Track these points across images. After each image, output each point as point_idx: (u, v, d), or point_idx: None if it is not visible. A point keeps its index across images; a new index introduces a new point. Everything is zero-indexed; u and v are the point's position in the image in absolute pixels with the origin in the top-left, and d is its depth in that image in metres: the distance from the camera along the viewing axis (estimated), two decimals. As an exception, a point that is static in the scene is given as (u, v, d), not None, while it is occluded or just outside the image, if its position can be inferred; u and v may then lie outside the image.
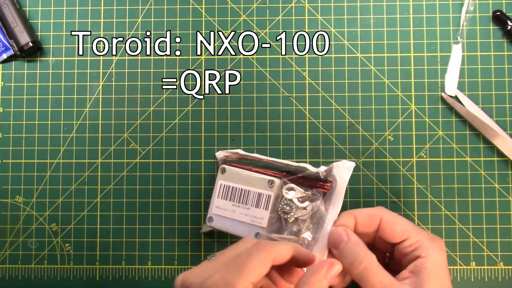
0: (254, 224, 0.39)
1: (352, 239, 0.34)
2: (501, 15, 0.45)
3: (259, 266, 0.30)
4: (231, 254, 0.32)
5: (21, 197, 0.46)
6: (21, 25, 0.46)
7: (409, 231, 0.34)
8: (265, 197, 0.39)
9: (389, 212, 0.35)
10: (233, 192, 0.40)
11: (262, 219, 0.39)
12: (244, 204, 0.39)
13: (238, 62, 0.47)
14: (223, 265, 0.31)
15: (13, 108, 0.47)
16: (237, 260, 0.30)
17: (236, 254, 0.31)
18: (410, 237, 0.34)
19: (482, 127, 0.44)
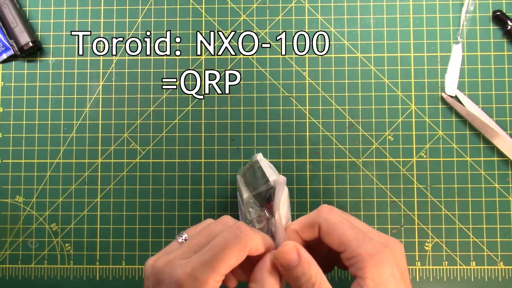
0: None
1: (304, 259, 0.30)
2: (501, 15, 0.45)
3: (234, 259, 0.28)
4: (205, 238, 0.30)
5: (21, 197, 0.46)
6: (21, 25, 0.46)
7: (346, 244, 0.30)
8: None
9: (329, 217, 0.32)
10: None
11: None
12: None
13: (238, 62, 0.47)
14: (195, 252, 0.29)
15: (13, 108, 0.47)
16: (211, 250, 0.28)
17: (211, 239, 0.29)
18: (346, 251, 0.30)
19: (482, 127, 0.44)
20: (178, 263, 0.29)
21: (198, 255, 0.28)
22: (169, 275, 0.28)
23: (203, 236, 0.30)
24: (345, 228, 0.31)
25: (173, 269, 0.28)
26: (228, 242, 0.28)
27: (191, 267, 0.28)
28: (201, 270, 0.27)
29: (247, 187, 0.39)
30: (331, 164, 0.46)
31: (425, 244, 0.45)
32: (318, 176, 0.46)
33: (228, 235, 0.29)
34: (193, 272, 0.27)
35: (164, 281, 0.28)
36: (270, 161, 0.46)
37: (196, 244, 0.30)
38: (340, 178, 0.45)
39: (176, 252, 0.30)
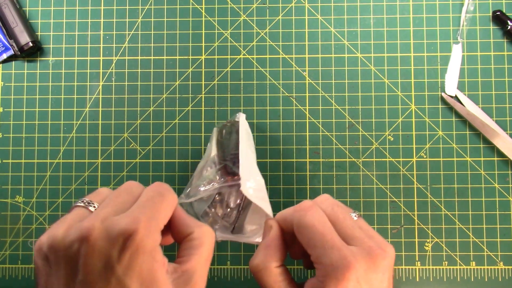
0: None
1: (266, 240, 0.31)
2: (501, 15, 0.45)
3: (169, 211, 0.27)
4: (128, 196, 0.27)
5: (21, 197, 0.46)
6: (21, 25, 0.46)
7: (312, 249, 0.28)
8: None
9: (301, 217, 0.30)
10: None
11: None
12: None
13: (238, 62, 0.47)
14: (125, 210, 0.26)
15: (13, 108, 0.47)
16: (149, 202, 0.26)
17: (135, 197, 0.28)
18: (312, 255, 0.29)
19: (482, 127, 0.44)
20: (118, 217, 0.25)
21: (138, 206, 0.26)
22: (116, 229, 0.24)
23: (125, 195, 0.27)
24: (316, 233, 0.28)
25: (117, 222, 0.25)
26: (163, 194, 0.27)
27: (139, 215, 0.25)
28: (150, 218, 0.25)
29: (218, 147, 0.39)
30: (331, 164, 0.46)
31: (425, 244, 0.45)
32: (318, 176, 0.46)
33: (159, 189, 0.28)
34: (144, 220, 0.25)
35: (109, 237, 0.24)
36: (270, 161, 0.46)
37: (121, 202, 0.27)
38: (340, 178, 0.45)
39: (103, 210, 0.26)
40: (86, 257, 0.24)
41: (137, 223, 0.24)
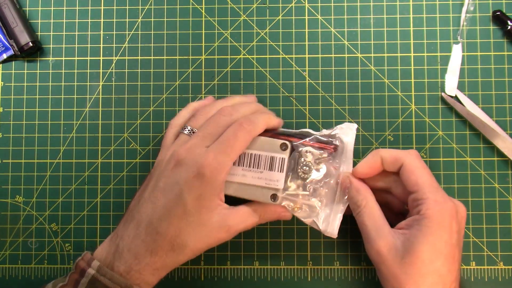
0: (268, 186, 0.38)
1: (353, 186, 0.37)
2: (501, 15, 0.45)
3: (243, 146, 0.36)
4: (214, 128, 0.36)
5: (21, 197, 0.46)
6: (21, 25, 0.46)
7: (420, 185, 0.34)
8: (279, 160, 0.38)
9: (414, 159, 0.36)
10: (241, 157, 0.38)
11: (278, 181, 0.38)
12: (256, 168, 0.38)
13: (238, 62, 0.47)
14: (210, 141, 0.36)
15: (13, 108, 0.47)
16: (226, 142, 0.35)
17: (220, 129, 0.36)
18: (418, 191, 0.34)
19: (482, 127, 0.44)
20: (199, 150, 0.35)
21: (216, 145, 0.35)
22: (193, 160, 0.34)
23: (212, 127, 0.36)
24: (425, 174, 0.35)
25: (196, 155, 0.34)
26: (238, 136, 0.35)
27: (213, 154, 0.34)
28: (221, 157, 0.34)
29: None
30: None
31: (425, 244, 0.45)
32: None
33: (237, 130, 0.35)
34: (216, 158, 0.34)
35: (187, 164, 0.34)
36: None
37: (208, 133, 0.36)
38: (340, 178, 0.45)
39: (193, 141, 0.36)
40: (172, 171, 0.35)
41: (209, 158, 0.34)
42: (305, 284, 0.45)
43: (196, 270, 0.45)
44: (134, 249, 0.35)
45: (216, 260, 0.45)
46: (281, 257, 0.45)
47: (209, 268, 0.45)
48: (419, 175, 0.35)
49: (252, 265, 0.45)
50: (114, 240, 0.36)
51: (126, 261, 0.34)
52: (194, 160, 0.34)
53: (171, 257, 0.35)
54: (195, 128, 0.38)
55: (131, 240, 0.35)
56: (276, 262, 0.45)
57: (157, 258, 0.35)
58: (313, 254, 0.45)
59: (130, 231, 0.35)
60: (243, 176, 0.38)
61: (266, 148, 0.38)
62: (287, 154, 0.38)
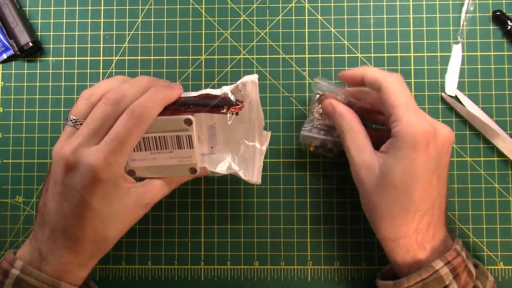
0: (183, 163, 0.37)
1: (337, 111, 0.38)
2: (501, 15, 0.45)
3: (137, 139, 0.33)
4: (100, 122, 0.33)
5: (21, 197, 0.46)
6: (21, 25, 0.46)
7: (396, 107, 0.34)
8: (185, 137, 0.36)
9: (392, 82, 0.35)
10: (147, 141, 0.36)
11: (190, 157, 0.37)
12: (165, 149, 0.37)
13: (238, 62, 0.47)
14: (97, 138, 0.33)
15: (13, 108, 0.47)
16: (114, 138, 0.32)
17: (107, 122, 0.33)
18: (393, 114, 0.34)
19: (482, 127, 0.44)
20: (87, 152, 0.32)
21: (105, 143, 0.32)
22: (84, 164, 0.32)
23: (97, 120, 0.33)
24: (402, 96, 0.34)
25: (86, 157, 0.32)
26: (129, 130, 0.32)
27: (104, 156, 0.32)
28: (113, 157, 0.32)
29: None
30: (331, 164, 0.46)
31: (425, 244, 0.45)
32: (318, 176, 0.46)
33: (127, 123, 0.32)
34: (108, 159, 0.32)
35: (78, 168, 0.32)
36: (270, 161, 0.46)
37: (93, 129, 0.33)
38: (340, 178, 0.45)
39: (78, 140, 0.33)
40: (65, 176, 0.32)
41: (100, 160, 0.31)
42: (305, 284, 0.45)
43: (196, 270, 0.45)
44: (57, 253, 0.34)
45: (216, 260, 0.45)
46: (281, 257, 0.45)
47: (209, 268, 0.45)
48: (396, 97, 0.34)
49: (252, 265, 0.45)
50: (34, 244, 0.35)
51: (52, 264, 0.34)
52: (85, 164, 0.32)
53: (96, 250, 0.35)
54: (79, 117, 0.34)
55: (52, 245, 0.34)
56: (276, 262, 0.45)
57: (82, 256, 0.34)
58: (313, 254, 0.45)
59: (49, 237, 0.34)
60: (154, 159, 0.37)
61: (169, 127, 0.36)
62: (193, 129, 0.36)
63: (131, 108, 0.33)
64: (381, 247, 0.36)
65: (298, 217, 0.45)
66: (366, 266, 0.45)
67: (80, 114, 0.34)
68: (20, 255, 0.35)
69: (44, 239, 0.34)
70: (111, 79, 0.37)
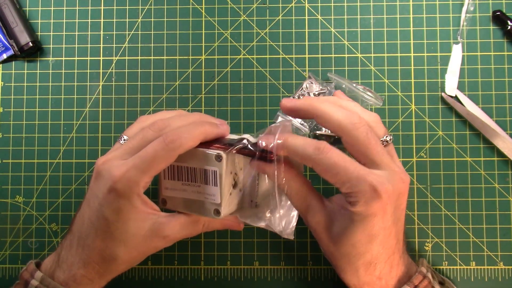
0: (208, 200, 0.36)
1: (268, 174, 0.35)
2: (501, 15, 0.45)
3: (162, 165, 0.33)
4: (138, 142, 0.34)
5: (21, 197, 0.46)
6: (21, 25, 0.46)
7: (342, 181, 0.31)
8: (212, 172, 0.35)
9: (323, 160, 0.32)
10: (179, 170, 0.36)
11: (214, 196, 0.35)
12: (193, 182, 0.36)
13: (238, 62, 0.47)
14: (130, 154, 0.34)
15: (13, 108, 0.47)
16: (142, 157, 0.33)
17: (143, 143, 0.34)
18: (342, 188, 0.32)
19: (482, 127, 0.44)
20: (115, 163, 0.33)
21: (132, 159, 0.33)
22: (108, 173, 0.33)
23: (136, 140, 0.34)
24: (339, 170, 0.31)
25: (111, 168, 0.33)
26: (157, 152, 0.32)
27: (126, 169, 0.32)
28: (134, 173, 0.32)
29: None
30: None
31: (425, 244, 0.45)
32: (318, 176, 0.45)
33: (157, 146, 0.33)
34: (127, 173, 0.32)
35: (103, 177, 0.33)
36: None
37: (130, 147, 0.34)
38: (340, 178, 0.45)
39: (114, 153, 0.35)
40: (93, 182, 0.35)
41: (121, 172, 0.32)
42: (305, 284, 0.45)
43: (196, 270, 0.45)
44: (70, 260, 0.35)
45: (216, 260, 0.45)
46: (281, 257, 0.45)
47: (209, 268, 0.45)
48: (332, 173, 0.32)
49: (252, 265, 0.45)
50: (58, 250, 0.37)
51: (64, 271, 0.35)
52: (109, 172, 0.33)
53: (105, 268, 0.35)
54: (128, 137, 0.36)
55: (68, 251, 0.35)
56: (276, 262, 0.45)
57: (90, 269, 0.35)
58: (313, 254, 0.45)
59: (67, 242, 0.36)
60: (184, 191, 0.37)
61: (200, 160, 0.35)
62: (222, 166, 0.35)
63: (166, 133, 0.33)
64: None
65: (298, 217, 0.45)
66: (366, 266, 0.45)
67: (130, 135, 0.36)
68: (46, 261, 0.37)
69: (65, 244, 0.36)
70: (170, 111, 0.39)
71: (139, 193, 0.34)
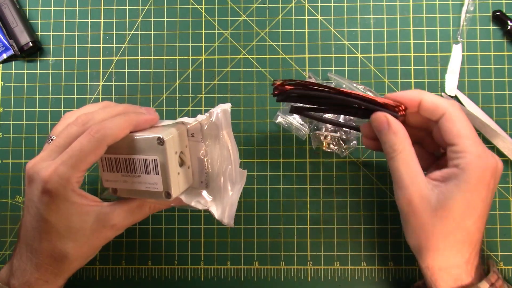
0: (150, 189, 0.35)
1: (392, 127, 0.34)
2: (501, 15, 0.45)
3: (91, 158, 0.32)
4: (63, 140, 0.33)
5: (21, 197, 0.46)
6: (21, 25, 0.46)
7: (462, 137, 0.33)
8: (152, 162, 0.34)
9: (457, 110, 0.34)
10: (117, 162, 0.35)
11: (156, 184, 0.34)
12: (133, 173, 0.35)
13: (238, 62, 0.47)
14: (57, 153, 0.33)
15: (13, 108, 0.47)
16: (70, 152, 0.32)
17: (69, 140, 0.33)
18: (459, 144, 0.33)
19: (482, 127, 0.44)
20: (44, 164, 0.33)
21: (59, 157, 0.33)
22: (38, 175, 0.32)
23: (61, 138, 0.34)
24: (467, 126, 0.33)
25: (40, 170, 0.32)
26: (83, 146, 0.32)
27: (54, 167, 0.32)
28: (63, 170, 0.32)
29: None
30: (331, 164, 0.46)
31: (425, 244, 0.45)
32: (318, 176, 0.46)
33: (82, 139, 0.32)
34: (56, 171, 0.32)
35: (34, 180, 0.33)
36: (270, 161, 0.46)
37: (56, 145, 0.34)
38: (340, 178, 0.45)
39: (42, 154, 0.34)
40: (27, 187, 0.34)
41: (50, 172, 0.32)
42: (305, 284, 0.45)
43: (196, 270, 0.45)
44: (22, 266, 0.35)
45: (216, 260, 0.45)
46: (281, 257, 0.45)
47: (209, 268, 0.45)
48: (461, 127, 0.33)
49: (252, 265, 0.45)
50: (11, 259, 0.37)
51: (18, 278, 0.34)
52: (39, 175, 0.32)
53: (58, 267, 0.34)
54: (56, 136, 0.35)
55: (19, 259, 0.35)
56: (276, 262, 0.45)
57: (43, 271, 0.34)
58: (313, 254, 0.45)
59: (17, 250, 0.36)
60: (125, 182, 0.35)
61: (139, 149, 0.34)
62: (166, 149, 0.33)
63: (91, 127, 0.33)
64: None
65: (298, 217, 0.45)
66: (366, 266, 0.45)
67: (57, 133, 0.35)
68: (3, 271, 0.37)
69: (16, 252, 0.36)
70: (95, 104, 0.37)
71: (73, 189, 0.33)
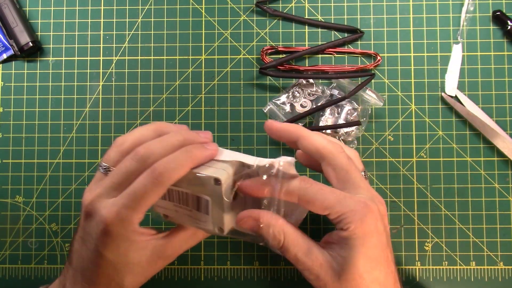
0: (198, 225, 0.34)
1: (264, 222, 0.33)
2: (501, 15, 0.45)
3: (153, 199, 0.32)
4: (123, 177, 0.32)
5: (21, 197, 0.46)
6: (21, 25, 0.46)
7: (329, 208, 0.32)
8: (204, 202, 0.33)
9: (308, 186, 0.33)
10: (170, 193, 0.35)
11: (205, 222, 0.34)
12: (185, 205, 0.34)
13: (238, 62, 0.47)
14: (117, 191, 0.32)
15: (13, 108, 0.47)
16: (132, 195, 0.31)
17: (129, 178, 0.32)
18: (331, 214, 0.32)
19: (482, 127, 0.44)
20: (103, 203, 0.32)
21: (121, 198, 0.32)
22: (98, 214, 0.32)
23: (119, 175, 0.33)
24: (326, 194, 0.32)
25: (100, 210, 0.32)
26: (146, 188, 0.31)
27: (116, 210, 0.31)
28: (125, 212, 0.31)
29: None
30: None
31: (425, 244, 0.45)
32: (318, 176, 0.46)
33: (145, 181, 0.31)
34: (119, 215, 0.31)
35: (94, 218, 0.32)
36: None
37: (115, 182, 0.33)
38: (340, 178, 0.45)
39: (99, 190, 0.33)
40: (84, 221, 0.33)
41: (113, 215, 0.31)
42: (305, 284, 0.45)
43: (196, 270, 0.45)
44: None
45: (216, 260, 0.45)
46: (281, 257, 0.45)
47: (209, 268, 0.45)
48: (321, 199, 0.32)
49: (252, 265, 0.45)
50: (62, 280, 0.36)
51: None
52: (99, 214, 0.32)
53: None
54: (109, 165, 0.34)
55: (74, 283, 0.35)
56: (276, 262, 0.45)
57: None
58: (313, 254, 0.45)
59: (70, 274, 0.35)
60: (176, 212, 0.35)
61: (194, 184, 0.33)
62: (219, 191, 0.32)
63: (153, 166, 0.32)
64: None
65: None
66: (366, 266, 0.45)
67: (111, 161, 0.34)
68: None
69: (69, 276, 0.35)
70: (146, 127, 0.35)
71: (134, 230, 0.32)
